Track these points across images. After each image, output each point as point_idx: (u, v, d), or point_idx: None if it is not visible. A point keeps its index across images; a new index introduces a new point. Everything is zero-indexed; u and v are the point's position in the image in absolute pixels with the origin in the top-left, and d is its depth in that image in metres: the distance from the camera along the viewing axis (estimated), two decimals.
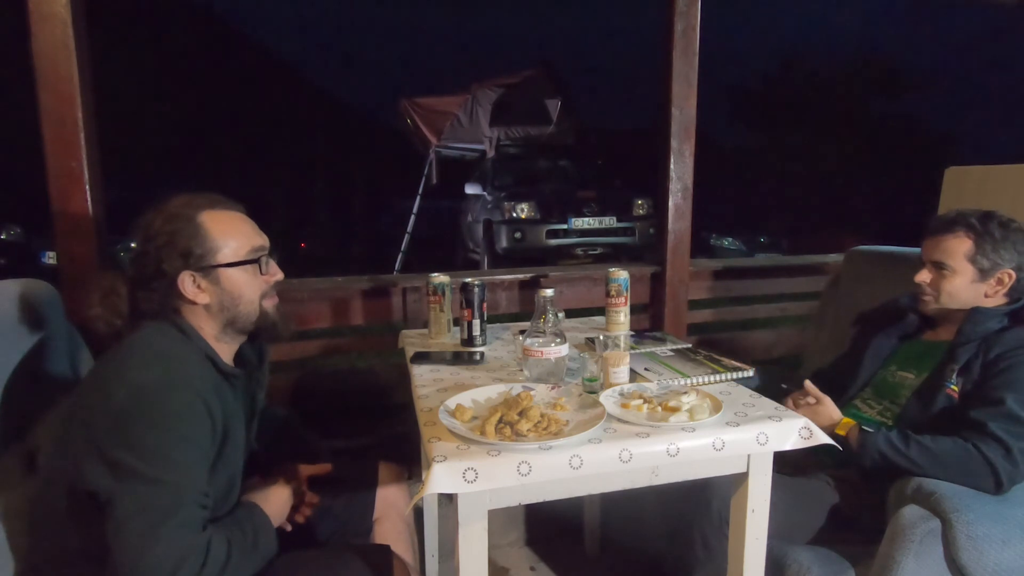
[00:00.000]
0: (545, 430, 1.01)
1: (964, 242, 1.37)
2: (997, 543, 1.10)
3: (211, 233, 1.04)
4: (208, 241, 1.03)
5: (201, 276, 1.03)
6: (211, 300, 1.04)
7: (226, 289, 1.05)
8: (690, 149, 2.24)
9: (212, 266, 1.04)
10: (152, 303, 1.03)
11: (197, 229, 1.03)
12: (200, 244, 1.03)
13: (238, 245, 1.06)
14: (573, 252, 6.88)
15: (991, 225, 1.36)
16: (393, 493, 1.39)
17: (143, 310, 1.04)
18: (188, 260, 1.02)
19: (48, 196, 1.62)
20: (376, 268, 6.66)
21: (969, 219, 1.37)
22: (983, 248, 1.35)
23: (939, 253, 1.39)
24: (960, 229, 1.37)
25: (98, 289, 1.04)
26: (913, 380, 1.43)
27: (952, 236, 1.38)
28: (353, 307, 2.12)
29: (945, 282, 1.39)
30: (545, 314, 1.31)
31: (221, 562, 0.90)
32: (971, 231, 1.36)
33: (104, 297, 1.04)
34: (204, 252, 1.03)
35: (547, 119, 7.99)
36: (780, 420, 1.09)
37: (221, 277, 1.04)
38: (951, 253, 1.38)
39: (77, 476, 0.89)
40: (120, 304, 1.04)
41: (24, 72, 1.61)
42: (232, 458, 1.03)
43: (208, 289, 1.04)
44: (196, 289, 1.03)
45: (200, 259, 1.02)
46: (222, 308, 1.05)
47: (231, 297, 1.06)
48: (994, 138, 20.30)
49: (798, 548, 1.25)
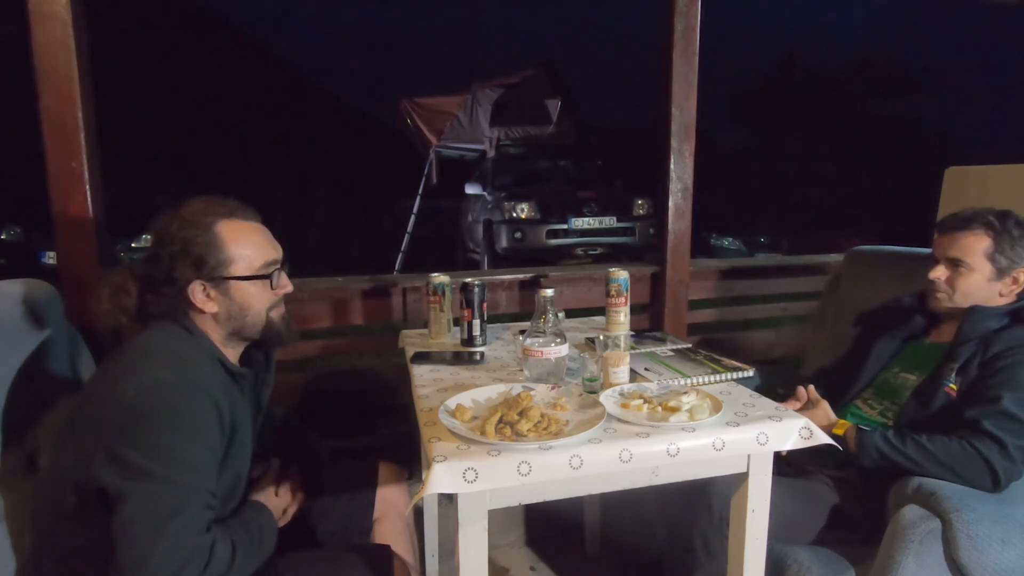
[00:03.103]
0: (545, 430, 1.01)
1: (983, 239, 1.35)
2: (997, 543, 1.10)
3: (226, 244, 1.03)
4: (222, 252, 1.03)
5: (212, 287, 1.03)
6: (219, 310, 1.05)
7: (235, 301, 1.05)
8: (690, 149, 2.24)
9: (224, 278, 1.03)
10: (160, 307, 1.03)
11: (213, 239, 1.02)
12: (214, 255, 1.02)
13: (252, 258, 1.06)
14: (573, 252, 6.88)
15: (1009, 223, 1.35)
16: (393, 493, 1.39)
17: (150, 311, 1.04)
18: (201, 270, 1.01)
19: (48, 196, 1.62)
20: (376, 268, 6.66)
21: (987, 217, 1.36)
22: (1002, 246, 1.34)
23: (956, 250, 1.38)
24: (979, 227, 1.36)
25: (108, 285, 1.04)
26: (915, 382, 1.42)
27: (971, 233, 1.36)
28: (353, 307, 2.12)
29: (961, 279, 1.38)
30: (545, 314, 1.31)
31: (226, 564, 0.90)
32: (990, 229, 1.35)
33: (114, 294, 1.03)
34: (217, 263, 1.02)
35: (547, 119, 7.97)
36: (780, 420, 1.09)
37: (232, 289, 1.04)
38: (969, 250, 1.36)
39: (85, 473, 0.89)
40: (129, 302, 1.04)
41: (24, 72, 1.61)
42: (238, 457, 1.04)
43: (217, 299, 1.04)
44: (205, 298, 1.03)
45: (213, 270, 1.02)
46: (229, 318, 1.06)
47: (239, 308, 1.06)
48: (994, 138, 20.29)
49: (798, 548, 1.25)
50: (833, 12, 49.71)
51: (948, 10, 32.96)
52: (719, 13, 4.83)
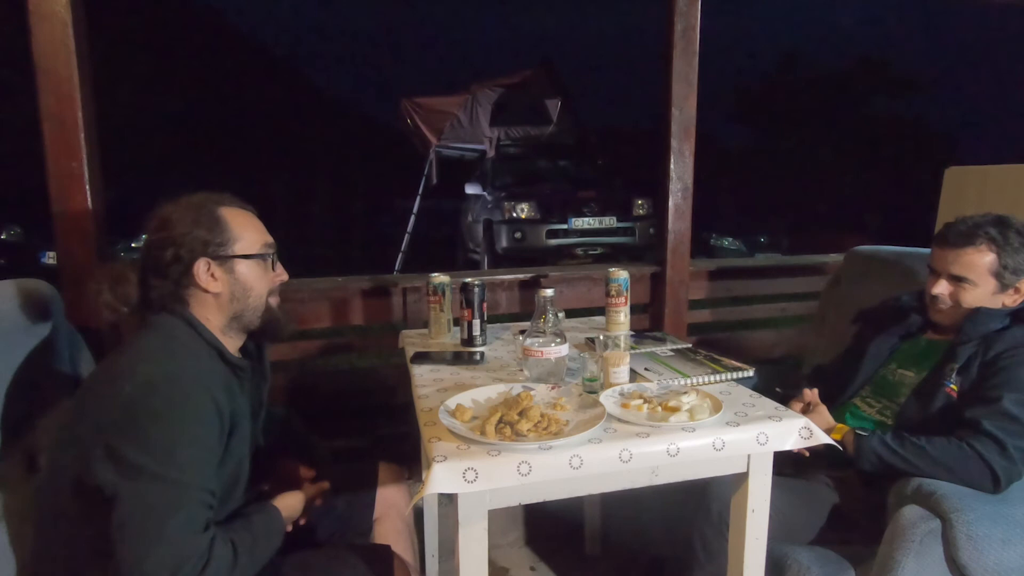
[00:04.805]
0: (545, 430, 1.01)
1: (986, 255, 1.34)
2: (997, 543, 1.10)
3: (230, 224, 1.07)
4: (226, 232, 1.06)
5: (216, 265, 1.05)
6: (223, 290, 1.06)
7: (239, 281, 1.07)
8: (690, 149, 2.24)
9: (228, 256, 1.06)
10: (164, 290, 1.04)
11: (217, 219, 1.06)
12: (219, 233, 1.05)
13: (253, 239, 1.09)
14: (573, 252, 6.88)
15: (1010, 235, 1.33)
16: (393, 493, 1.39)
17: (152, 299, 1.04)
18: (206, 248, 1.04)
19: (48, 196, 1.62)
20: (376, 268, 6.66)
21: (988, 230, 1.34)
22: (1005, 260, 1.33)
23: (959, 267, 1.36)
24: (981, 242, 1.34)
25: (108, 277, 1.05)
26: (913, 378, 1.43)
27: (974, 249, 1.34)
28: (353, 307, 2.12)
29: (965, 295, 1.36)
30: (545, 314, 1.31)
31: (227, 564, 0.90)
32: (992, 243, 1.33)
33: (114, 284, 1.04)
34: (222, 241, 1.05)
35: (547, 119, 7.98)
36: (780, 420, 1.09)
37: (236, 268, 1.07)
38: (973, 267, 1.34)
39: (84, 470, 0.89)
40: (130, 292, 1.05)
41: (24, 72, 1.61)
42: (238, 452, 1.04)
43: (221, 279, 1.06)
44: (210, 277, 1.04)
45: (218, 248, 1.05)
46: (232, 299, 1.07)
47: (243, 289, 1.07)
48: (994, 138, 20.29)
49: (798, 548, 1.25)
50: (833, 12, 49.73)
51: (948, 10, 32.94)
52: (719, 13, 4.85)
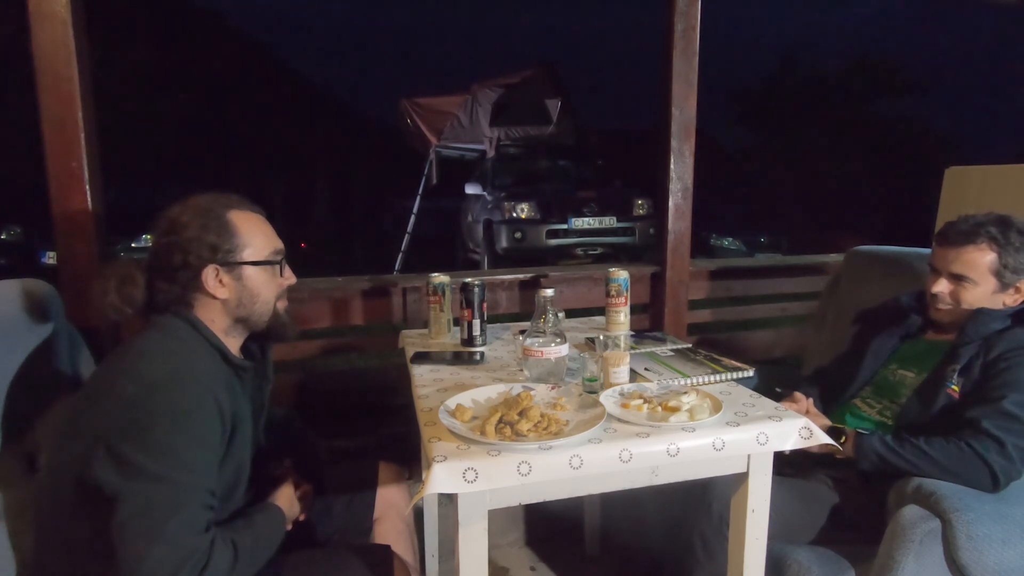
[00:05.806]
0: (545, 430, 1.01)
1: (987, 254, 1.34)
2: (997, 543, 1.10)
3: (239, 230, 1.06)
4: (236, 237, 1.05)
5: (225, 271, 1.04)
6: (230, 296, 1.06)
7: (247, 287, 1.07)
8: (690, 149, 2.24)
9: (237, 262, 1.05)
10: (171, 294, 1.03)
11: (226, 225, 1.05)
12: (228, 239, 1.04)
13: (262, 245, 1.08)
14: (573, 252, 6.88)
15: (1011, 234, 1.33)
16: (393, 493, 1.39)
17: (156, 301, 1.04)
18: (215, 254, 1.03)
19: (48, 196, 1.62)
20: (376, 268, 6.65)
21: (989, 229, 1.34)
22: (1006, 259, 1.33)
23: (960, 266, 1.36)
24: (982, 240, 1.34)
25: (115, 276, 1.03)
26: (913, 379, 1.43)
27: (974, 248, 1.34)
28: (353, 307, 2.12)
29: (966, 293, 1.36)
30: (545, 314, 1.31)
31: (226, 564, 0.90)
32: (993, 242, 1.33)
33: (121, 285, 1.03)
34: (232, 247, 1.05)
35: (547, 119, 7.97)
36: (780, 420, 1.09)
37: (244, 274, 1.06)
38: (974, 266, 1.35)
39: (85, 469, 0.89)
40: (136, 294, 1.04)
41: (24, 72, 1.61)
42: (239, 452, 1.04)
43: (229, 285, 1.05)
44: (217, 283, 1.04)
45: (228, 254, 1.04)
46: (239, 304, 1.07)
47: (250, 295, 1.07)
48: (994, 138, 20.28)
49: (798, 548, 1.25)
50: (833, 12, 49.71)
51: (948, 10, 32.95)
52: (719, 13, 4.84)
